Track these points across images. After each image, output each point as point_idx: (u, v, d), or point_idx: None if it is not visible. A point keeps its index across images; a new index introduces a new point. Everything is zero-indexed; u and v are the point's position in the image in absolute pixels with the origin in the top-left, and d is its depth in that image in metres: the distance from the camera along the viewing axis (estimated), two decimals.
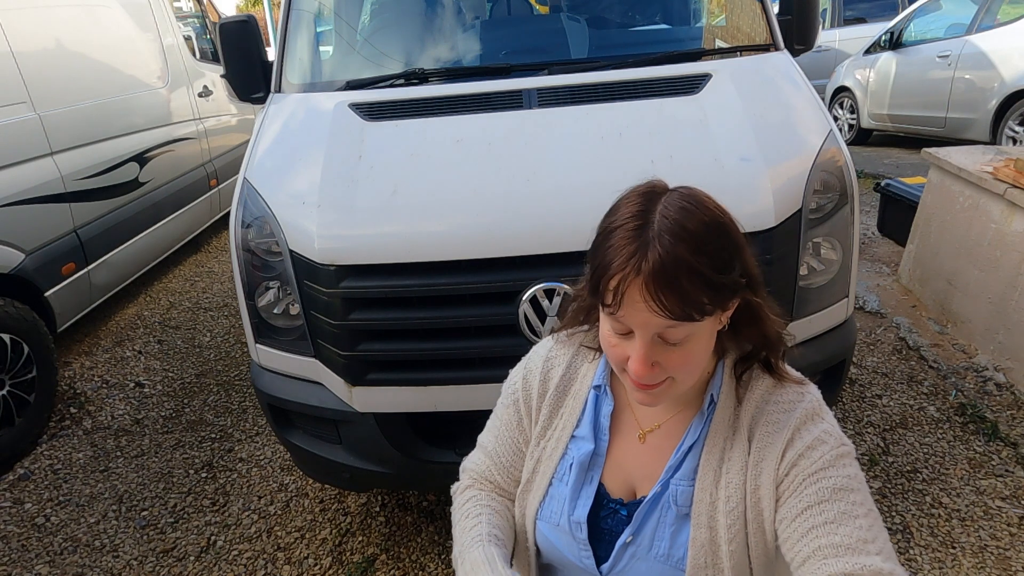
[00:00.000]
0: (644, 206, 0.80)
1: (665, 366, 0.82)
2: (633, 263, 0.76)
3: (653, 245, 0.75)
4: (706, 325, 0.80)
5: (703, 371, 0.89)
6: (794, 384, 0.90)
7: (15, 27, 3.35)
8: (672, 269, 0.75)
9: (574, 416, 1.00)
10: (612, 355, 0.85)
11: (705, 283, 0.75)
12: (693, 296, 0.75)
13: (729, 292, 0.79)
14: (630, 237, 0.78)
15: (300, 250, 1.83)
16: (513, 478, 1.06)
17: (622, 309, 0.78)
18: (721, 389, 0.91)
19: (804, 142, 1.95)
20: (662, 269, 0.74)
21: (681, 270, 0.75)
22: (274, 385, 2.01)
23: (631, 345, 0.81)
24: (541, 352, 1.07)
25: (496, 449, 1.07)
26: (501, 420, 1.08)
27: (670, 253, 0.74)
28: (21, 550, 2.44)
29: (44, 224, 3.33)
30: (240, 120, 6.11)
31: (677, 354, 0.81)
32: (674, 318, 0.76)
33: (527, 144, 1.94)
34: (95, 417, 3.27)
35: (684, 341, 0.80)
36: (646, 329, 0.79)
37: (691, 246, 0.75)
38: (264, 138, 2.20)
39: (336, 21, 2.81)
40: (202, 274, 5.17)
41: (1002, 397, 2.87)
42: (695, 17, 2.96)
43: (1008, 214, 3.05)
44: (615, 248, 0.79)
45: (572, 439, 0.99)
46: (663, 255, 0.75)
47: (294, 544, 2.38)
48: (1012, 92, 5.72)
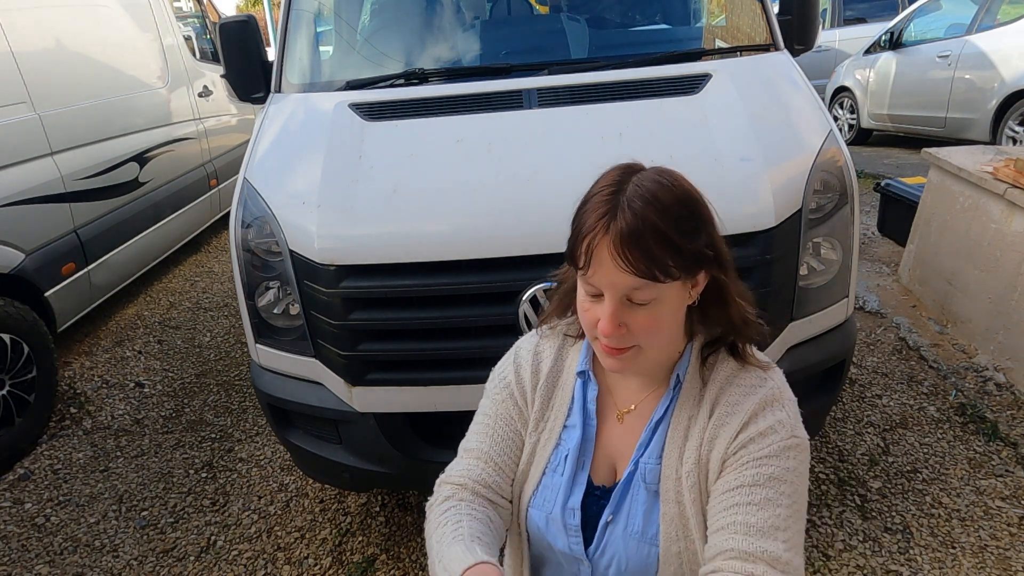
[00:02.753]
0: (620, 177, 0.86)
1: (632, 329, 0.86)
2: (603, 223, 0.82)
3: (623, 207, 0.81)
4: (672, 291, 0.85)
5: (671, 347, 0.94)
6: (757, 368, 0.93)
7: (15, 27, 3.35)
8: (638, 229, 0.80)
9: (564, 405, 1.02)
10: (585, 320, 0.90)
11: (669, 245, 0.80)
12: (658, 255, 0.80)
13: (694, 260, 0.84)
14: (603, 202, 0.84)
15: (300, 250, 1.83)
16: (509, 475, 1.05)
17: (591, 268, 0.83)
18: (688, 370, 0.95)
19: (804, 142, 1.95)
20: (628, 229, 0.80)
21: (647, 230, 0.80)
22: (274, 385, 2.00)
23: (602, 308, 0.86)
24: (527, 346, 1.09)
25: (491, 448, 1.05)
26: (494, 416, 1.07)
27: (637, 215, 0.80)
28: (21, 550, 2.44)
29: (44, 224, 3.33)
30: (240, 120, 6.11)
31: (643, 317, 0.85)
32: (638, 275, 0.80)
33: (527, 144, 1.94)
34: (95, 417, 3.27)
35: (651, 305, 0.84)
36: (614, 289, 0.83)
37: (658, 210, 0.81)
38: (264, 138, 2.20)
39: (336, 21, 2.81)
40: (202, 274, 5.17)
41: (1002, 397, 2.87)
42: (695, 17, 2.96)
43: (1008, 214, 3.05)
44: (588, 212, 0.85)
45: (564, 428, 1.02)
46: (630, 217, 0.80)
47: (294, 544, 2.38)
48: (1012, 92, 5.72)
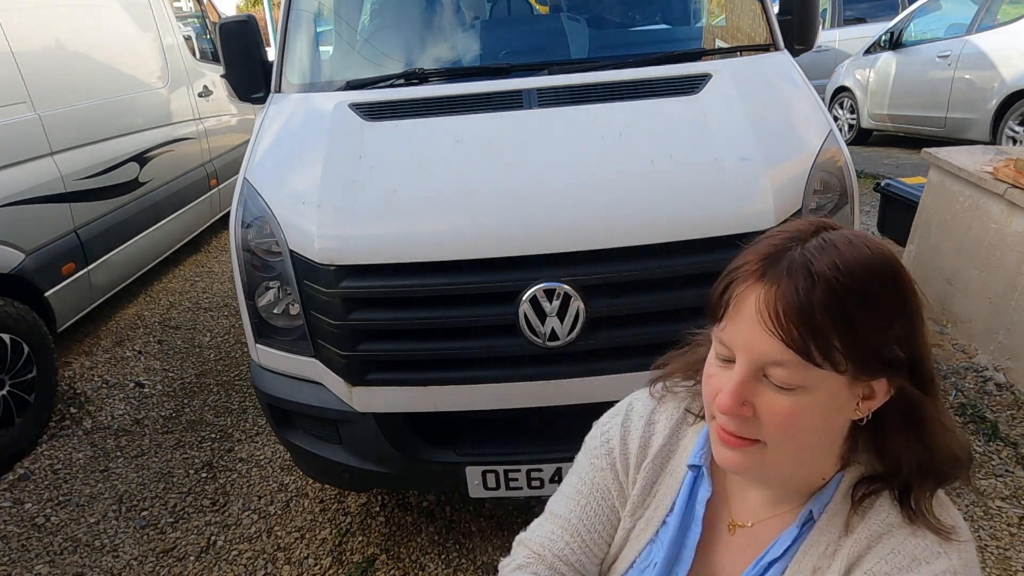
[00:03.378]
0: (805, 227, 0.67)
1: (760, 417, 0.66)
2: (760, 267, 0.65)
3: (794, 259, 0.63)
4: (830, 387, 0.64)
5: (809, 465, 0.71)
6: (934, 534, 0.67)
7: (15, 27, 3.35)
8: (806, 289, 0.61)
9: (668, 497, 0.84)
10: (706, 389, 0.72)
11: (845, 324, 0.61)
12: (823, 330, 0.61)
13: (876, 356, 0.63)
14: (771, 246, 0.66)
15: (300, 250, 1.83)
16: (596, 554, 0.88)
17: (728, 321, 0.66)
18: (827, 507, 0.72)
19: (804, 142, 1.95)
20: (792, 285, 0.62)
21: (819, 294, 0.61)
22: (274, 385, 2.00)
23: (728, 376, 0.67)
24: (640, 410, 0.90)
25: (580, 521, 0.88)
26: (590, 484, 0.89)
27: (811, 273, 0.62)
28: (21, 550, 2.44)
29: (44, 224, 3.33)
30: (240, 120, 6.11)
31: (779, 404, 0.65)
32: (788, 345, 0.62)
33: (527, 144, 1.94)
34: (95, 417, 3.27)
35: (794, 393, 0.64)
36: (749, 354, 0.65)
37: (843, 275, 0.61)
38: (264, 138, 2.20)
39: (336, 21, 2.81)
40: (202, 274, 5.17)
41: (1002, 397, 2.87)
42: (695, 17, 2.96)
43: (1008, 214, 3.04)
44: (748, 252, 0.68)
45: (663, 524, 0.84)
46: (801, 273, 0.62)
47: (294, 544, 2.38)
48: (1012, 92, 5.72)
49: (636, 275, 1.72)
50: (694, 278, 1.73)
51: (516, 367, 1.78)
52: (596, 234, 1.71)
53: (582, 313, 1.69)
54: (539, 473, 1.85)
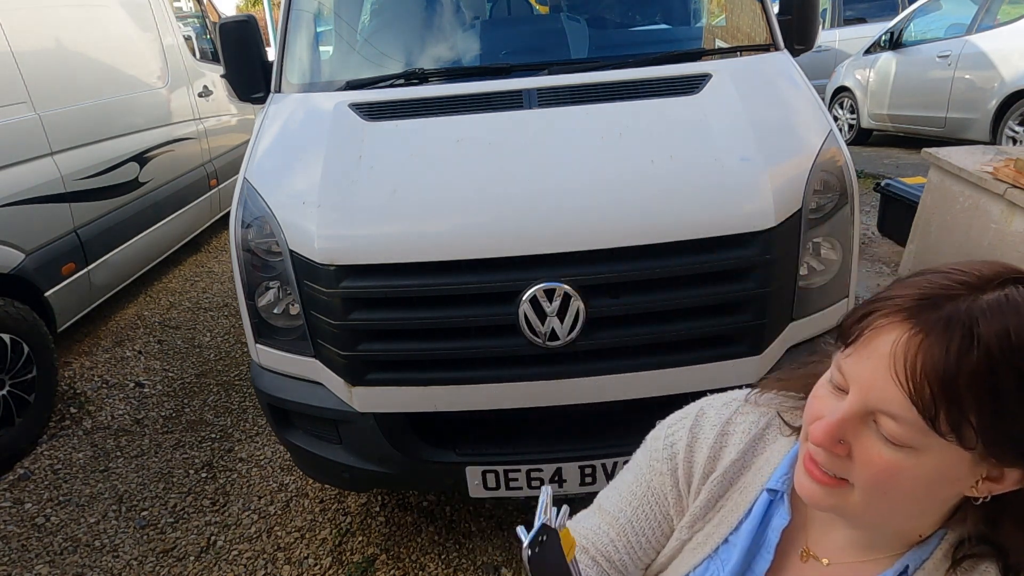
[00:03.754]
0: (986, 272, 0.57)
1: (855, 461, 0.60)
2: (914, 305, 0.56)
3: (959, 304, 0.55)
4: (946, 458, 0.56)
5: (905, 521, 0.64)
6: None
7: (15, 27, 3.35)
8: (961, 346, 0.53)
9: (736, 514, 0.77)
10: (810, 407, 0.66)
11: (992, 403, 0.52)
12: (961, 400, 0.53)
13: (1015, 446, 0.55)
14: (934, 286, 0.57)
15: (300, 250, 1.83)
16: (642, 559, 0.83)
17: (855, 350, 0.59)
18: (925, 564, 0.65)
19: (804, 142, 1.95)
20: (946, 336, 0.53)
21: (971, 357, 0.52)
22: (274, 385, 2.00)
23: (835, 403, 0.61)
24: (713, 418, 0.82)
25: (630, 521, 0.83)
26: (646, 486, 0.84)
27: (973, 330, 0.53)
28: (21, 550, 2.44)
29: (44, 224, 3.33)
30: (240, 120, 6.11)
31: (878, 455, 0.58)
32: (913, 403, 0.54)
33: (527, 144, 1.94)
34: (95, 417, 3.27)
35: (901, 451, 0.57)
36: (866, 393, 0.58)
37: (1011, 345, 0.52)
38: (264, 138, 2.20)
39: (336, 21, 2.81)
40: (202, 274, 5.17)
41: None
42: (695, 17, 2.96)
43: (1008, 214, 3.04)
44: (907, 283, 0.60)
45: (725, 542, 0.77)
46: (961, 322, 0.53)
47: (294, 544, 2.38)
48: (1012, 92, 5.72)
49: (636, 275, 1.72)
50: (694, 278, 1.73)
51: (516, 367, 1.78)
52: (596, 234, 1.71)
53: (582, 313, 1.69)
54: (539, 473, 1.85)
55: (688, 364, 1.78)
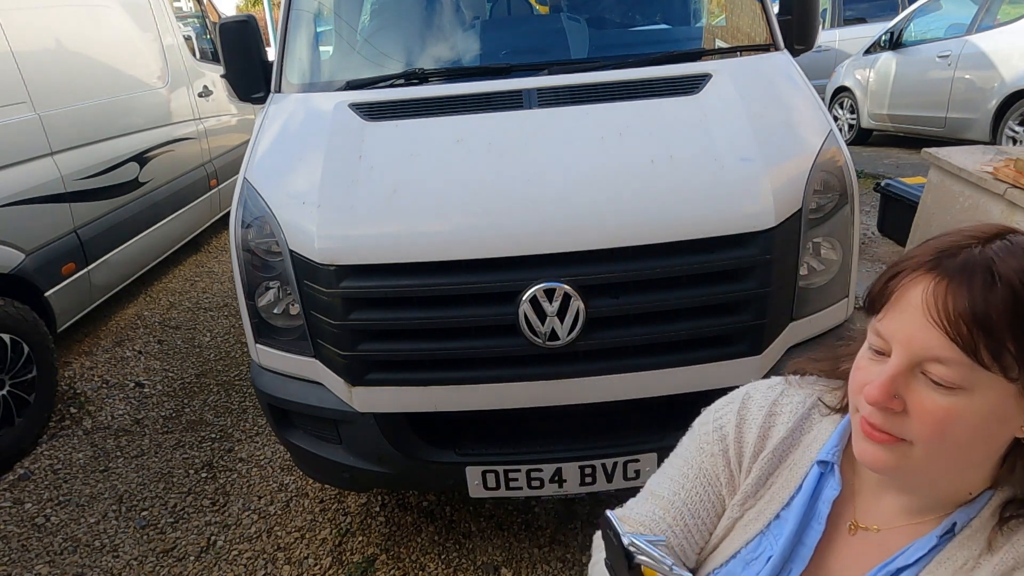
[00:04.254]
0: (989, 229, 0.64)
1: (912, 415, 0.62)
2: (933, 257, 0.62)
3: (972, 251, 0.61)
4: (994, 394, 0.60)
5: (959, 475, 0.67)
6: None
7: (15, 27, 3.35)
8: (984, 283, 0.58)
9: (787, 490, 0.80)
10: (854, 380, 0.69)
11: (1007, 319, 0.58)
12: (997, 330, 0.57)
13: None
14: (950, 244, 0.63)
15: (300, 250, 1.83)
16: (698, 541, 0.85)
17: (888, 311, 0.64)
18: (971, 522, 0.67)
19: (804, 142, 1.95)
20: (969, 277, 0.59)
21: (997, 293, 0.58)
22: (274, 385, 2.01)
23: (880, 367, 0.65)
24: (760, 399, 0.85)
25: (684, 505, 0.84)
26: (697, 468, 0.86)
27: (992, 268, 0.59)
28: (21, 550, 2.44)
29: (44, 224, 3.33)
30: (240, 120, 6.11)
31: (933, 403, 0.61)
32: (954, 340, 0.58)
33: (527, 144, 1.94)
34: (95, 417, 3.27)
35: (951, 392, 0.60)
36: (909, 345, 0.62)
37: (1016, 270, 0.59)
38: (264, 138, 2.20)
39: (336, 21, 2.81)
40: (202, 274, 5.17)
41: None
42: (695, 17, 2.96)
43: (1008, 214, 3.04)
44: (921, 246, 0.65)
45: (776, 518, 0.79)
46: (979, 264, 0.60)
47: (294, 544, 2.38)
48: (1012, 92, 5.71)
49: (636, 275, 1.72)
50: (694, 278, 1.73)
51: (516, 367, 1.78)
52: (596, 234, 1.71)
53: (582, 313, 1.69)
54: (539, 473, 1.85)
55: (688, 364, 1.78)
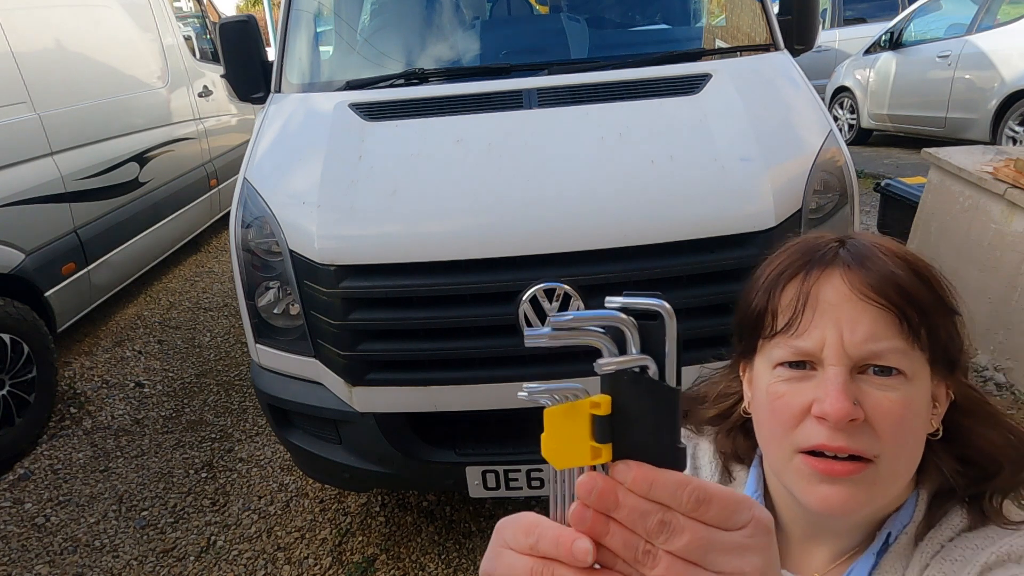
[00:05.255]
0: (827, 233, 0.65)
1: (871, 419, 0.57)
2: (818, 256, 0.61)
3: (847, 244, 0.62)
4: (923, 375, 0.60)
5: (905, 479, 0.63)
6: (1005, 523, 0.62)
7: (15, 27, 3.35)
8: (886, 260, 0.59)
9: None
10: (778, 412, 0.61)
11: (924, 306, 0.58)
12: (918, 300, 0.58)
13: (945, 348, 0.60)
14: (807, 243, 0.63)
15: (300, 250, 1.83)
16: None
17: (803, 319, 0.59)
18: (907, 528, 0.64)
19: (804, 142, 1.95)
20: (871, 258, 0.59)
21: (900, 267, 0.58)
22: (274, 385, 2.00)
23: (812, 383, 0.59)
24: None
25: None
26: None
27: (879, 252, 0.60)
28: (21, 550, 2.44)
29: (44, 224, 3.33)
30: (240, 120, 6.11)
31: (888, 400, 0.57)
32: (897, 315, 0.57)
33: (527, 144, 1.94)
34: (95, 417, 3.27)
35: (897, 383, 0.58)
36: (842, 342, 0.57)
37: (910, 257, 0.60)
38: (264, 138, 2.20)
39: (336, 21, 2.81)
40: (202, 274, 5.17)
41: (1002, 397, 2.87)
42: (695, 17, 2.96)
43: (1008, 214, 3.04)
44: (780, 256, 0.64)
45: None
46: (868, 249, 0.60)
47: (294, 544, 2.38)
48: (1012, 92, 5.71)
49: (636, 275, 1.72)
50: (694, 278, 1.73)
51: (516, 367, 1.78)
52: (596, 234, 1.71)
53: None
54: (539, 473, 1.85)
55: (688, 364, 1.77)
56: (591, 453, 0.35)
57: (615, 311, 0.35)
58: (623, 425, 0.35)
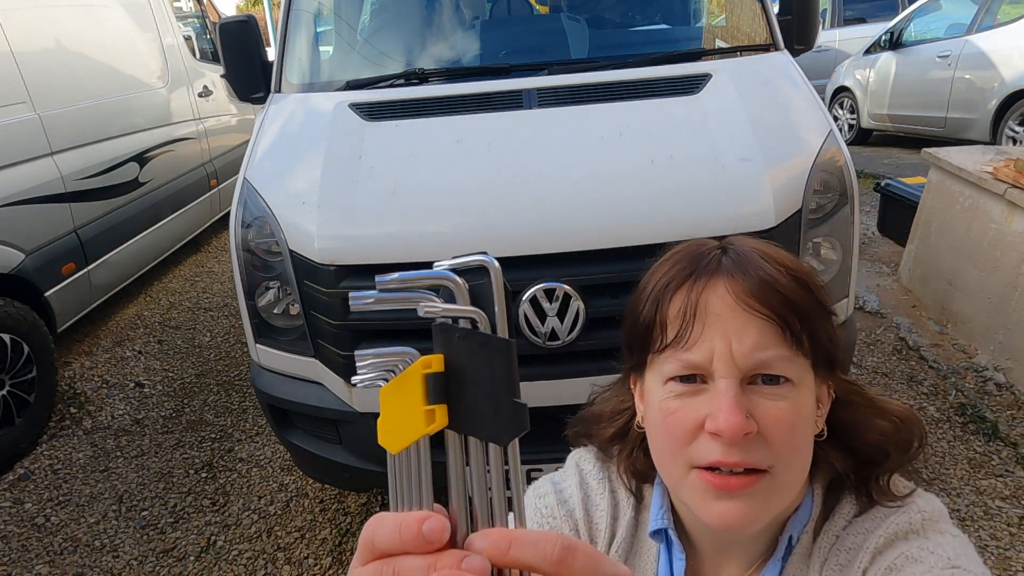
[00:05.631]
0: (704, 240, 0.65)
1: (764, 430, 0.57)
2: (703, 265, 0.61)
3: (729, 251, 0.62)
4: (808, 381, 0.60)
5: (798, 487, 0.63)
6: (890, 501, 0.64)
7: (15, 27, 3.35)
8: (766, 267, 0.59)
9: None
10: (672, 429, 0.60)
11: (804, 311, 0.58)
12: (800, 307, 0.58)
13: (825, 351, 0.61)
14: (689, 251, 0.63)
15: (300, 250, 1.83)
16: None
17: (693, 331, 0.58)
18: (807, 527, 0.65)
19: (804, 142, 1.95)
20: (751, 266, 0.59)
21: (780, 274, 0.59)
22: (274, 385, 2.01)
23: (704, 397, 0.59)
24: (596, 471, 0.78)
25: None
26: None
27: (759, 258, 0.60)
28: (21, 550, 2.44)
29: (44, 224, 3.33)
30: (240, 120, 6.11)
31: (777, 409, 0.57)
32: (779, 324, 0.57)
33: (527, 144, 1.94)
34: (95, 417, 3.27)
35: (787, 391, 0.58)
36: (731, 352, 0.57)
37: (787, 262, 0.60)
38: (264, 138, 2.20)
39: (336, 21, 2.81)
40: (202, 274, 5.17)
41: (1002, 397, 2.87)
42: (695, 17, 2.96)
43: (1008, 214, 3.04)
44: (664, 265, 0.64)
45: None
46: (747, 256, 0.60)
47: (294, 544, 2.38)
48: (1012, 92, 5.72)
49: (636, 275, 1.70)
50: None
51: None
52: (596, 234, 1.71)
53: (582, 313, 1.69)
54: (539, 473, 1.85)
55: None
56: (425, 419, 0.32)
57: (443, 271, 0.33)
58: (458, 385, 0.33)
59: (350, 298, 0.33)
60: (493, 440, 0.33)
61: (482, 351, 0.33)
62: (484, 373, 0.33)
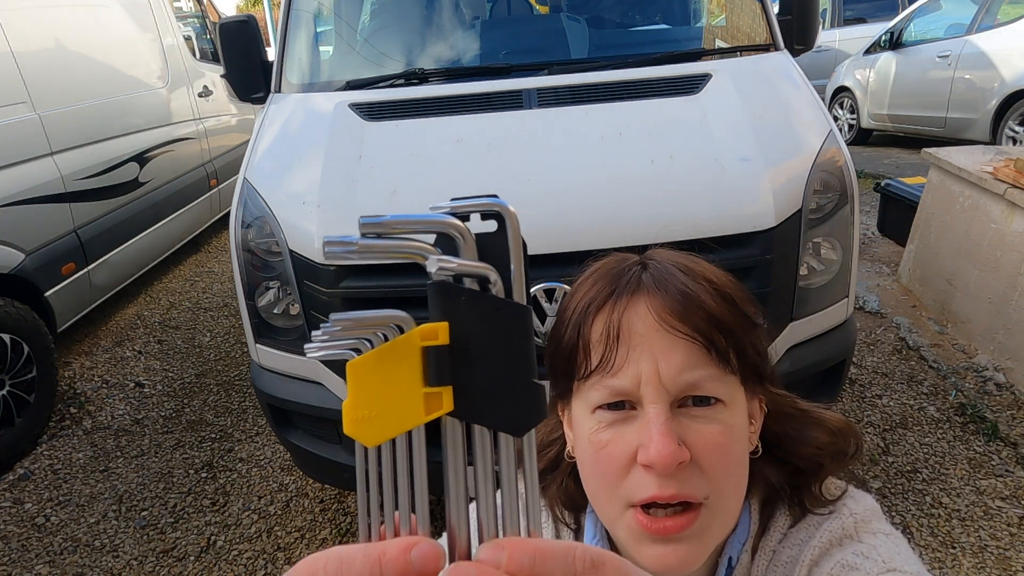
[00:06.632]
0: (624, 254, 0.63)
1: (696, 456, 0.55)
2: (624, 285, 0.58)
3: (649, 267, 0.59)
4: (738, 398, 0.58)
5: (736, 511, 0.61)
6: (822, 508, 0.63)
7: (15, 27, 3.35)
8: (687, 282, 0.57)
9: None
10: (603, 463, 0.57)
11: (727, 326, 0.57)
12: (723, 323, 0.56)
13: (754, 365, 0.60)
14: (608, 269, 0.60)
15: (300, 250, 1.83)
16: None
17: (617, 357, 0.56)
18: (745, 544, 0.63)
19: (804, 142, 1.95)
20: (672, 283, 0.57)
21: (700, 288, 0.57)
22: (274, 385, 2.01)
23: (634, 426, 0.56)
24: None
25: None
26: None
27: (678, 272, 0.58)
28: (21, 550, 2.44)
29: (44, 224, 3.33)
30: (240, 120, 6.11)
31: (709, 432, 0.56)
32: (703, 343, 0.55)
33: (527, 144, 1.94)
34: (95, 417, 3.27)
35: (717, 413, 0.56)
36: (664, 378, 0.55)
37: (709, 274, 0.59)
38: (264, 138, 2.20)
39: (336, 21, 2.81)
40: (202, 274, 5.17)
41: (1002, 397, 2.87)
42: (695, 17, 2.96)
43: (1008, 214, 3.04)
44: (585, 283, 0.61)
45: None
46: (667, 271, 0.58)
47: (294, 544, 2.38)
48: (1012, 92, 5.72)
49: None
50: None
51: None
52: (596, 234, 1.71)
53: None
54: None
55: None
56: (425, 405, 0.26)
57: (444, 215, 0.27)
58: (463, 361, 0.26)
59: (324, 243, 0.26)
60: (506, 430, 0.27)
61: (494, 319, 0.26)
62: (496, 346, 0.26)
